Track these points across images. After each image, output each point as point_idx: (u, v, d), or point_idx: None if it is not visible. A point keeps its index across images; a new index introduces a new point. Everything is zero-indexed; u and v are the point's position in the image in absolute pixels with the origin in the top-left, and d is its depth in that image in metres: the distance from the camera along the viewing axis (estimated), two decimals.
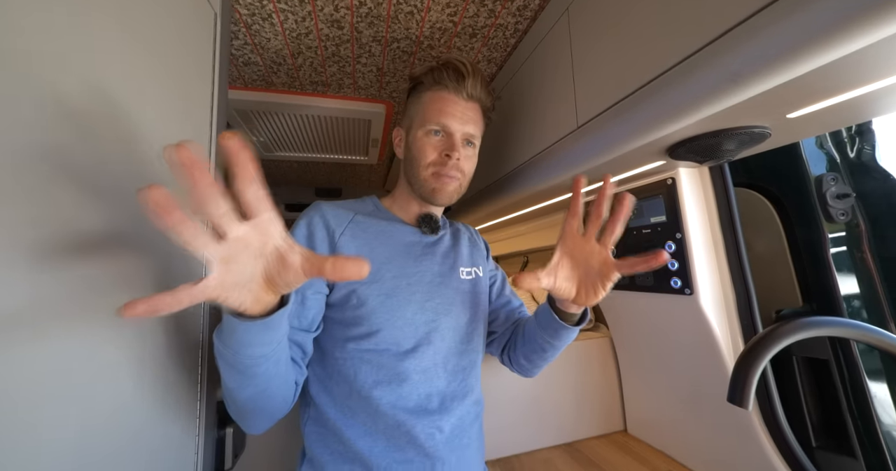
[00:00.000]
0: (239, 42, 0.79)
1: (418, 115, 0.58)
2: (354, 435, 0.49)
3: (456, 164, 0.56)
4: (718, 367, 0.62)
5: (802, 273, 0.60)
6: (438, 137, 0.57)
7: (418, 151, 0.57)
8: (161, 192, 0.22)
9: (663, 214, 0.67)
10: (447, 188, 0.57)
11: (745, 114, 0.41)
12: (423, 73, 0.59)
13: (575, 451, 0.81)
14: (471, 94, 0.57)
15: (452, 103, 0.56)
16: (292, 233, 0.54)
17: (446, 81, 0.56)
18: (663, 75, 0.44)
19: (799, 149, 0.59)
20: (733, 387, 0.39)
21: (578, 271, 0.45)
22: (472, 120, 0.58)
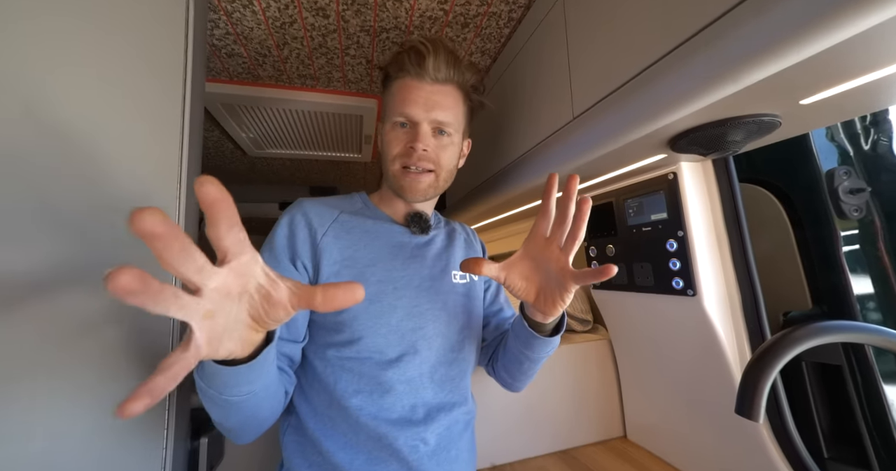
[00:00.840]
0: (220, 31, 0.75)
1: (386, 108, 0.55)
2: (334, 447, 0.46)
3: (423, 155, 0.52)
4: (723, 372, 0.59)
5: (812, 273, 0.56)
6: (405, 129, 0.53)
7: (385, 145, 0.54)
8: (129, 278, 0.19)
9: (664, 211, 0.63)
10: (418, 185, 0.53)
11: (754, 100, 0.38)
12: (389, 63, 0.55)
13: (571, 458, 0.78)
14: (436, 77, 0.52)
15: (415, 89, 0.52)
16: (274, 233, 0.51)
17: (408, 67, 0.52)
18: (663, 59, 0.41)
19: (808, 141, 0.55)
20: (742, 398, 0.36)
21: (538, 275, 0.44)
22: (439, 105, 0.52)
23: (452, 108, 0.54)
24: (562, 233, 0.41)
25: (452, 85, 0.54)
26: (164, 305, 0.21)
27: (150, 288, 0.20)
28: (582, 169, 0.63)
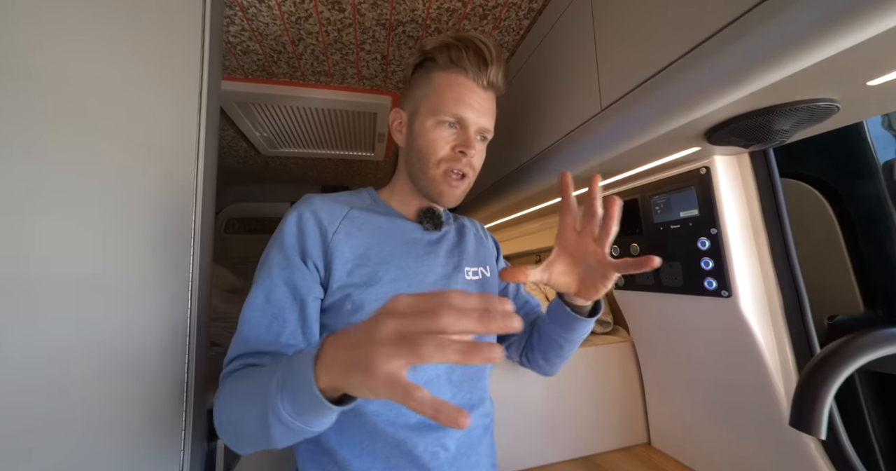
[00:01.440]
0: (236, 28, 0.75)
1: (428, 100, 0.51)
2: (350, 455, 0.44)
3: (469, 161, 0.51)
4: (761, 378, 0.55)
5: (863, 274, 0.52)
6: (452, 130, 0.50)
7: (427, 144, 0.51)
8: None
9: (695, 208, 0.60)
10: (455, 191, 0.52)
11: (811, 84, 0.35)
12: (437, 49, 0.51)
13: (594, 465, 0.75)
14: (491, 83, 0.51)
15: (471, 92, 0.50)
16: (281, 231, 0.49)
17: (466, 65, 0.49)
18: (706, 43, 0.38)
19: (862, 130, 0.51)
20: (799, 410, 0.33)
21: (578, 268, 0.45)
22: (488, 112, 0.52)
23: (493, 116, 0.54)
24: (593, 227, 0.42)
25: (494, 94, 0.54)
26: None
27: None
28: (609, 164, 0.60)
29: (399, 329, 0.23)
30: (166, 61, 0.49)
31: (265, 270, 0.47)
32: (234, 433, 0.37)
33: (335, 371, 0.26)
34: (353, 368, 0.25)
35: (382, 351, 0.23)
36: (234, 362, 0.43)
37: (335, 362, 0.27)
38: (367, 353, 0.24)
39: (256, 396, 0.33)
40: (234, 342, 0.44)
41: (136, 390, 0.42)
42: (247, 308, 0.45)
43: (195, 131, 0.52)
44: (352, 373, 0.25)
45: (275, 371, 0.32)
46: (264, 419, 0.31)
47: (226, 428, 0.38)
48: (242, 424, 0.35)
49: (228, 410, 0.38)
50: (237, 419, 0.36)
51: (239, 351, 0.43)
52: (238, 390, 0.38)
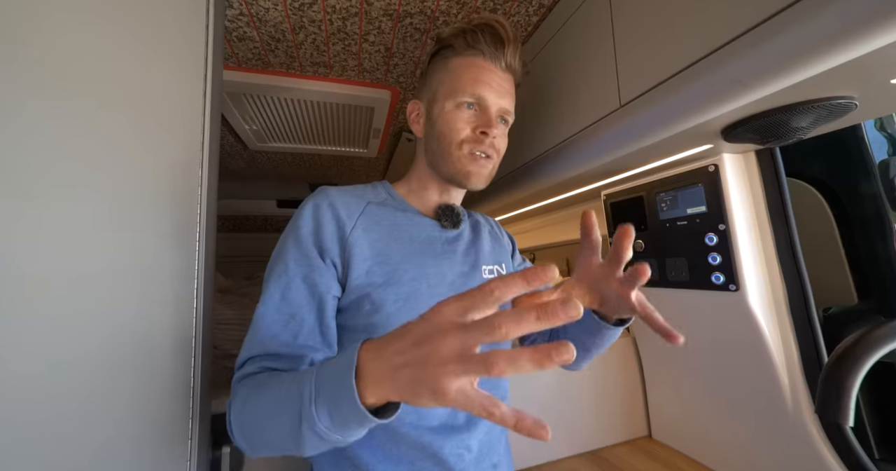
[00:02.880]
0: (233, 12, 0.71)
1: (445, 85, 0.50)
2: (373, 459, 0.42)
3: (492, 142, 0.50)
4: (766, 368, 0.57)
5: (858, 268, 0.55)
6: (472, 111, 0.50)
7: (448, 126, 0.49)
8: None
9: (703, 205, 0.62)
10: (483, 171, 0.51)
11: (833, 82, 0.36)
12: (454, 35, 0.50)
13: (601, 459, 0.76)
14: (509, 64, 0.51)
15: (489, 72, 0.49)
16: (297, 225, 0.46)
17: (483, 46, 0.49)
18: (731, 43, 0.38)
19: (860, 131, 0.54)
20: (826, 399, 0.34)
21: (598, 294, 0.42)
22: (508, 93, 0.51)
23: (513, 97, 0.53)
24: (618, 270, 0.38)
25: (512, 75, 0.53)
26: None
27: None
28: (621, 161, 0.61)
29: (462, 346, 0.22)
30: (169, 50, 0.46)
31: (280, 266, 0.44)
32: (255, 440, 0.35)
33: (388, 388, 0.25)
34: (416, 386, 0.24)
35: (449, 370, 0.22)
36: (248, 363, 0.40)
37: (386, 379, 0.25)
38: (432, 374, 0.23)
39: (285, 406, 0.31)
40: (249, 342, 0.41)
41: (142, 396, 0.39)
42: (262, 306, 0.42)
43: (200, 125, 0.48)
44: (417, 391, 0.24)
45: (304, 381, 0.30)
46: (296, 430, 0.29)
47: (246, 435, 0.36)
48: (267, 432, 0.33)
49: (249, 417, 0.35)
50: (261, 428, 0.34)
51: (254, 352, 0.40)
52: (261, 397, 0.35)
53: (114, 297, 0.39)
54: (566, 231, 1.17)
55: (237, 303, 1.08)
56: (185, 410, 0.43)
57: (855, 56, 0.31)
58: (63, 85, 0.37)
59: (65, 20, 0.38)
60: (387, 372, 0.25)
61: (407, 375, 0.24)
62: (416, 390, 0.24)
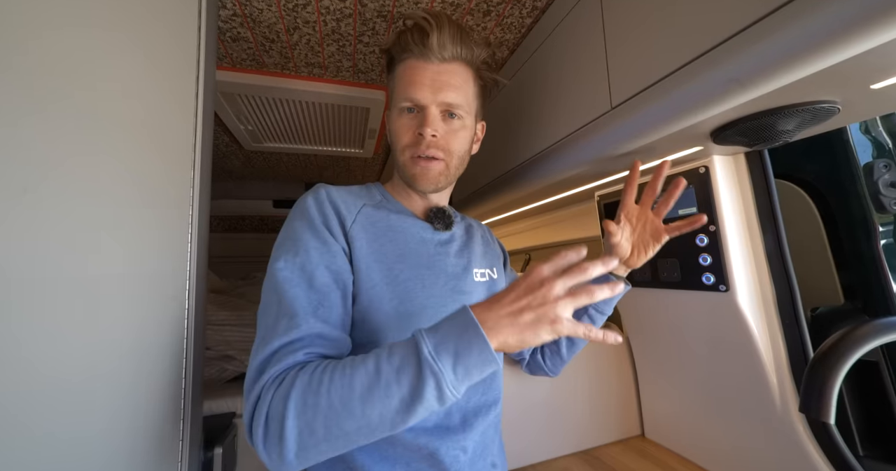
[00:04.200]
0: (227, 13, 0.70)
1: (392, 94, 0.52)
2: (369, 461, 0.42)
3: (432, 142, 0.48)
4: (755, 368, 0.58)
5: (844, 269, 0.56)
6: (412, 115, 0.49)
7: (394, 133, 0.51)
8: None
9: (694, 206, 0.62)
10: (428, 173, 0.50)
11: (817, 87, 0.37)
12: (392, 44, 0.51)
13: (594, 459, 0.76)
14: (442, 55, 0.48)
15: (420, 70, 0.48)
16: (306, 215, 0.45)
17: (411, 46, 0.48)
18: (719, 47, 0.39)
19: (845, 134, 0.55)
20: (808, 396, 0.35)
21: (634, 235, 0.55)
22: (448, 85, 0.48)
23: (462, 87, 0.50)
24: (651, 200, 0.53)
25: (460, 63, 0.50)
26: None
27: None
28: (612, 162, 0.62)
29: (565, 286, 0.33)
30: (161, 50, 0.46)
31: (301, 254, 0.42)
32: (327, 438, 0.32)
33: (509, 332, 0.32)
34: (538, 323, 0.32)
35: (564, 303, 0.32)
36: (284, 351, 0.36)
37: (506, 326, 0.32)
38: (551, 308, 0.32)
39: (393, 376, 0.32)
40: (286, 326, 0.37)
41: (132, 396, 0.39)
42: (290, 290, 0.39)
43: (192, 126, 0.48)
44: (538, 327, 0.32)
45: (415, 347, 0.33)
46: (415, 395, 0.31)
47: (322, 428, 0.32)
48: (364, 414, 0.32)
49: (332, 405, 0.32)
50: (352, 411, 0.32)
51: (294, 335, 0.37)
52: (339, 382, 0.33)
53: (103, 298, 0.39)
54: (561, 232, 1.18)
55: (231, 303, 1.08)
56: (175, 411, 0.43)
57: (836, 62, 0.32)
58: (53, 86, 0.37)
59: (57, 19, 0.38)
60: (507, 319, 0.33)
61: (529, 316, 0.32)
62: (537, 326, 0.32)
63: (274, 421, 0.33)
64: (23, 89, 0.35)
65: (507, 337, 0.32)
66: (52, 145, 0.37)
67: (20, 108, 0.35)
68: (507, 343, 0.32)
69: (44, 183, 0.36)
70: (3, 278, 0.33)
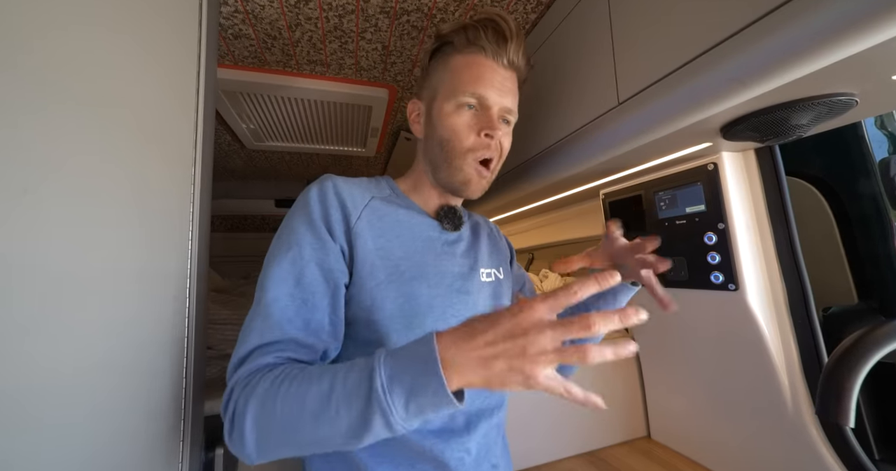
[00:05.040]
0: (228, 9, 0.70)
1: (445, 84, 0.48)
2: (372, 462, 0.42)
3: (497, 146, 0.48)
4: (766, 369, 0.57)
5: (858, 267, 0.55)
6: (472, 112, 0.48)
7: (450, 130, 0.48)
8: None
9: (702, 203, 0.61)
10: (483, 182, 0.50)
11: (834, 79, 0.35)
12: (454, 31, 0.49)
13: (599, 460, 0.75)
14: (511, 61, 0.48)
15: (491, 70, 0.47)
16: (306, 209, 0.44)
17: (484, 43, 0.47)
18: (730, 39, 0.38)
19: (860, 130, 0.53)
20: (826, 399, 0.34)
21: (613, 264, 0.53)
22: (510, 91, 0.49)
23: (516, 96, 0.51)
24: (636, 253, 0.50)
25: (516, 73, 0.51)
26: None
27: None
28: (619, 159, 0.60)
29: (555, 341, 0.27)
30: (162, 47, 0.45)
31: (294, 248, 0.41)
32: (286, 440, 0.33)
33: (475, 376, 0.29)
34: (510, 374, 0.28)
35: (547, 359, 0.27)
36: (258, 353, 0.37)
37: (474, 369, 0.29)
38: (529, 362, 0.27)
39: (345, 399, 0.31)
40: (261, 328, 0.38)
41: (132, 396, 0.39)
42: (273, 290, 0.39)
43: (192, 123, 0.47)
44: (509, 378, 0.28)
45: (365, 372, 0.31)
46: (363, 423, 0.30)
47: (273, 435, 0.33)
48: (312, 430, 0.31)
49: (283, 415, 0.32)
50: (302, 426, 0.32)
51: (268, 338, 0.37)
52: (300, 391, 0.33)
53: (103, 296, 0.38)
54: (565, 231, 1.17)
55: (233, 303, 1.07)
56: (176, 410, 0.42)
57: (855, 52, 0.31)
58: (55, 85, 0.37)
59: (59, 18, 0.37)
60: (475, 362, 0.29)
61: (501, 364, 0.28)
62: (508, 377, 0.28)
63: (237, 418, 0.34)
64: (25, 88, 0.35)
65: (470, 379, 0.29)
66: (52, 144, 0.36)
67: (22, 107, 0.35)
68: (469, 385, 0.29)
69: (44, 182, 0.36)
70: (3, 278, 0.33)
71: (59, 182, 0.37)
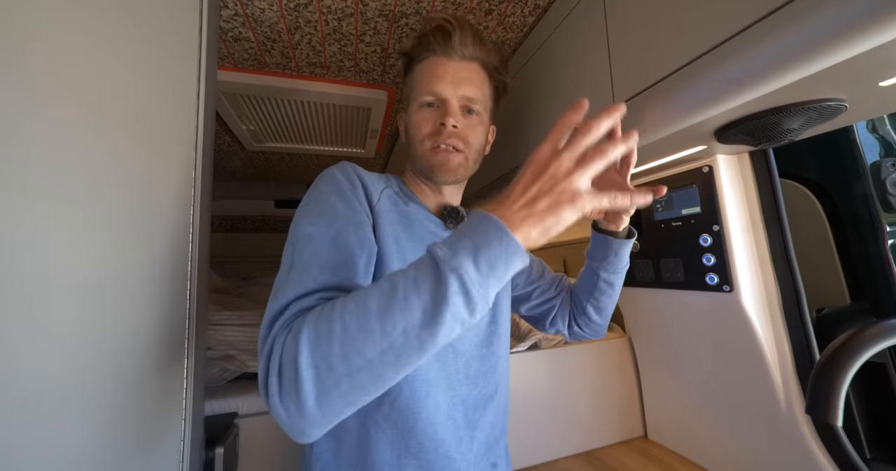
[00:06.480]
0: (228, 12, 0.70)
1: (412, 92, 0.52)
2: (380, 456, 0.42)
3: (453, 132, 0.49)
4: (759, 369, 0.58)
5: (851, 269, 0.55)
6: (432, 109, 0.50)
7: (413, 127, 0.51)
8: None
9: (697, 205, 0.62)
10: (449, 164, 0.50)
11: (824, 84, 0.36)
12: (412, 46, 0.53)
13: (596, 460, 0.76)
14: (463, 53, 0.50)
15: (442, 66, 0.50)
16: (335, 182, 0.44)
17: (433, 45, 0.50)
18: (725, 44, 0.38)
19: (852, 133, 0.54)
20: (815, 398, 0.34)
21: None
22: (467, 80, 0.50)
23: (480, 85, 0.52)
24: (626, 171, 0.48)
25: (478, 63, 0.52)
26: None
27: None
28: None
29: (572, 157, 0.30)
30: (163, 50, 0.46)
31: (329, 214, 0.40)
32: (346, 369, 0.28)
33: (528, 222, 0.29)
34: (556, 204, 0.29)
35: (576, 176, 0.29)
36: (302, 299, 0.34)
37: (524, 217, 0.30)
38: (565, 183, 0.29)
39: (412, 287, 0.28)
40: (298, 280, 0.35)
41: (134, 397, 0.39)
42: (312, 243, 0.37)
43: (193, 126, 0.48)
44: (558, 207, 0.29)
45: (428, 257, 0.30)
46: (437, 300, 0.27)
47: (336, 360, 0.28)
48: (373, 341, 0.28)
49: (338, 334, 0.28)
50: (361, 339, 0.28)
51: (311, 286, 0.34)
52: (353, 305, 0.29)
53: (105, 298, 0.38)
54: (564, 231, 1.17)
55: (234, 303, 1.08)
56: (177, 411, 0.43)
57: (844, 58, 0.31)
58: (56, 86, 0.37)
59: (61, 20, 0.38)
60: (522, 210, 0.30)
61: (544, 200, 0.30)
62: (557, 209, 0.29)
63: (287, 365, 0.29)
64: (27, 90, 0.35)
65: (528, 230, 0.29)
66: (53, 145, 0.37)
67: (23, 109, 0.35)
68: (530, 236, 0.29)
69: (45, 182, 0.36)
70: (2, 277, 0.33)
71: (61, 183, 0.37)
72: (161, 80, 0.45)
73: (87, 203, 0.38)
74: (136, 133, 0.43)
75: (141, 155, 0.43)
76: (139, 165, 0.43)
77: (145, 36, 0.44)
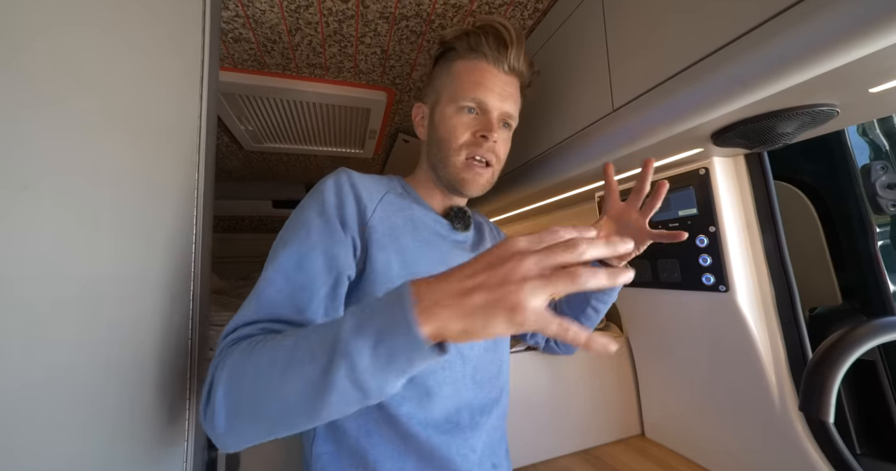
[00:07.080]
0: (229, 13, 0.71)
1: (448, 88, 0.50)
2: (381, 457, 0.43)
3: (492, 147, 0.49)
4: (754, 367, 0.59)
5: (842, 269, 0.57)
6: (472, 116, 0.50)
7: (447, 131, 0.49)
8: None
9: (694, 207, 0.63)
10: (480, 179, 0.50)
11: (817, 90, 0.37)
12: (457, 37, 0.51)
13: (594, 458, 0.77)
14: (512, 67, 0.50)
15: (491, 76, 0.49)
16: (320, 197, 0.44)
17: (485, 49, 0.49)
18: (722, 49, 0.39)
19: (843, 136, 0.56)
20: (808, 395, 0.35)
21: (620, 232, 0.52)
22: (511, 97, 0.51)
23: (517, 101, 0.53)
24: (639, 201, 0.49)
25: (518, 78, 0.53)
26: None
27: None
28: (617, 162, 0.62)
29: (540, 265, 0.24)
30: (166, 52, 0.46)
31: (301, 232, 0.41)
32: (252, 412, 0.29)
33: (453, 315, 0.24)
34: (491, 308, 0.24)
35: (532, 286, 0.23)
36: (245, 327, 0.36)
37: (451, 306, 0.24)
38: (512, 291, 0.23)
39: (309, 351, 0.27)
40: (249, 306, 0.37)
41: (136, 397, 0.39)
42: (272, 271, 0.39)
43: (196, 127, 0.48)
44: (491, 313, 0.24)
45: (337, 321, 0.27)
46: (325, 377, 0.26)
47: (241, 406, 0.30)
48: (278, 392, 0.28)
49: (251, 378, 0.30)
50: (269, 388, 0.28)
51: (253, 317, 0.37)
52: (270, 351, 0.30)
53: (105, 298, 0.39)
54: None
55: (233, 304, 1.08)
56: (181, 411, 0.43)
57: (836, 66, 0.32)
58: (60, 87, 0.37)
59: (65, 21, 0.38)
60: (453, 298, 0.25)
61: (481, 297, 0.24)
62: (490, 312, 0.24)
63: (212, 392, 0.32)
64: (28, 90, 0.35)
65: (446, 322, 0.24)
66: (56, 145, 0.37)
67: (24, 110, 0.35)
68: (447, 330, 0.24)
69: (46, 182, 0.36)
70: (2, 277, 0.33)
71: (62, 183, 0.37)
72: (164, 81, 0.45)
73: (88, 203, 0.38)
74: (139, 134, 0.43)
75: (143, 156, 0.43)
76: (142, 165, 0.43)
77: (148, 36, 0.44)
